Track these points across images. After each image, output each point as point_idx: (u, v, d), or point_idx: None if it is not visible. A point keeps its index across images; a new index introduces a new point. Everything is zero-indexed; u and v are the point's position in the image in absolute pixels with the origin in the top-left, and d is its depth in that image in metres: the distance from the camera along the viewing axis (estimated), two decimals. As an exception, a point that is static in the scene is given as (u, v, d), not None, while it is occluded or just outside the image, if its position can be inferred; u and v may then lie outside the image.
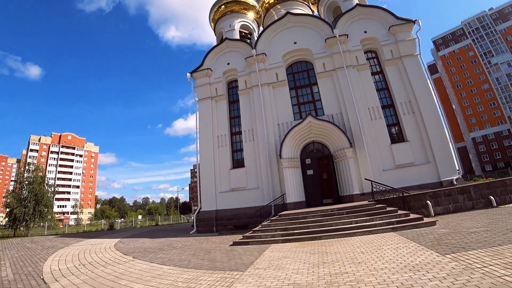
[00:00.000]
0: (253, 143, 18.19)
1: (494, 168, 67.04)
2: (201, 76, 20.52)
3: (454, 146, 16.43)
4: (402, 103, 16.93)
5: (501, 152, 71.08)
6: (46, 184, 29.50)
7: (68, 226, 39.57)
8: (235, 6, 23.74)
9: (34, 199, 26.49)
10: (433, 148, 15.45)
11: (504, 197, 12.41)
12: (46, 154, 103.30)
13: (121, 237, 18.50)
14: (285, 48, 19.30)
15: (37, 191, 26.99)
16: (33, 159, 72.20)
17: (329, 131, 16.30)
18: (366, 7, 19.20)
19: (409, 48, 17.45)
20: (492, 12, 78.51)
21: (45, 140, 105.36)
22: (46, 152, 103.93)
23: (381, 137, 16.39)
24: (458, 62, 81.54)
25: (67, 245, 14.61)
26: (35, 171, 28.75)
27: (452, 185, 14.25)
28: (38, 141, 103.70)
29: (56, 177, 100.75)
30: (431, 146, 15.52)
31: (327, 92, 17.83)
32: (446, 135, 15.91)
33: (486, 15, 78.97)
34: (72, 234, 26.39)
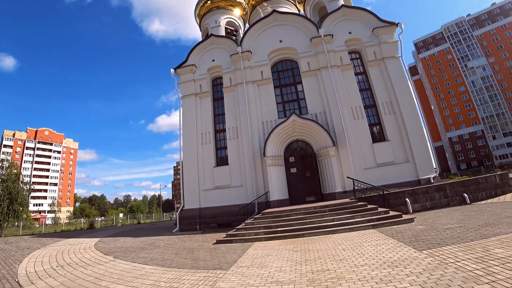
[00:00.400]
0: (237, 141, 18.10)
1: (468, 167, 70.72)
2: (185, 72, 20.13)
3: (432, 145, 17.14)
4: (383, 104, 17.38)
5: (475, 152, 75.03)
6: (21, 182, 28.06)
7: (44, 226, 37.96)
8: (221, 2, 23.44)
9: (8, 198, 25.10)
10: (412, 148, 16.02)
11: (477, 195, 13.10)
12: (21, 150, 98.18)
13: (102, 236, 17.95)
14: (270, 46, 19.28)
15: (11, 189, 25.60)
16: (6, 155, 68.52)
17: (313, 130, 16.49)
18: (351, 8, 19.49)
19: (392, 50, 17.93)
20: (470, 18, 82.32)
21: (20, 136, 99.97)
22: (21, 148, 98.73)
23: (363, 136, 16.76)
24: (437, 64, 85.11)
25: (44, 246, 13.98)
26: (9, 168, 27.25)
27: (429, 183, 14.83)
28: (12, 137, 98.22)
29: (32, 175, 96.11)
30: (411, 145, 16.08)
31: (312, 91, 18.00)
32: (425, 135, 16.56)
33: (464, 21, 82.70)
34: (49, 234, 25.31)
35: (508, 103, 71.62)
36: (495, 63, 75.30)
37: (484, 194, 13.25)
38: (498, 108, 72.75)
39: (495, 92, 73.76)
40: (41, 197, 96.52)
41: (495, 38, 76.33)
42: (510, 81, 72.01)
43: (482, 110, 75.13)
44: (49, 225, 47.72)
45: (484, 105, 74.96)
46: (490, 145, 71.66)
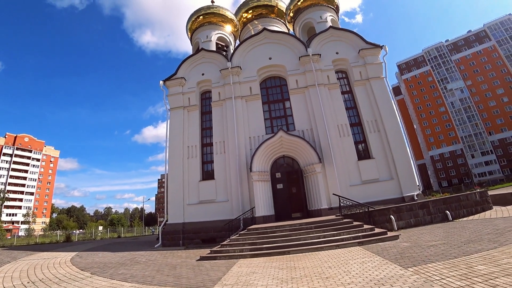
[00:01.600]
0: (224, 156, 18.04)
1: (449, 184, 72.96)
2: (174, 85, 20.16)
3: (415, 163, 17.63)
4: (369, 122, 17.91)
5: (455, 170, 77.81)
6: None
7: (17, 237, 35.77)
8: (213, 18, 23.94)
9: None
10: (396, 165, 16.43)
11: (459, 212, 13.47)
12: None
13: (79, 250, 17.09)
14: (260, 63, 19.72)
15: None
16: None
17: (300, 146, 16.68)
18: (339, 30, 20.36)
19: (376, 71, 18.70)
20: (448, 43, 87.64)
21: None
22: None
23: (349, 153, 17.11)
24: (419, 86, 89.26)
25: (14, 259, 13.15)
26: None
27: (413, 200, 15.18)
28: None
29: (7, 182, 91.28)
30: (395, 163, 16.50)
31: (299, 108, 18.37)
32: (408, 153, 17.00)
33: (443, 46, 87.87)
34: (21, 247, 23.87)
35: (485, 123, 75.48)
36: (472, 85, 79.81)
37: (465, 211, 13.62)
38: (476, 128, 76.37)
39: (473, 113, 77.69)
40: (15, 206, 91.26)
41: (471, 63, 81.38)
42: (486, 103, 76.29)
43: (461, 130, 78.62)
44: (22, 237, 45.05)
45: (463, 125, 78.56)
46: (469, 164, 74.64)
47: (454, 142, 79.88)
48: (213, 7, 24.35)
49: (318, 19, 21.73)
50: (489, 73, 77.59)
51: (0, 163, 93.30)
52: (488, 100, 76.08)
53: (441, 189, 60.95)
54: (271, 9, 27.38)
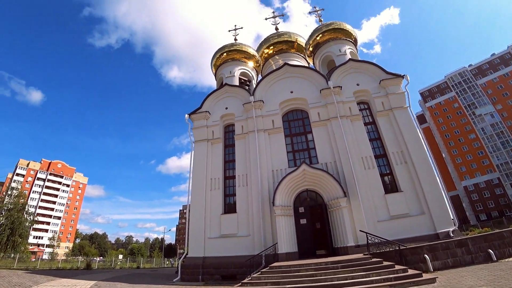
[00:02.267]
0: (247, 189, 17.94)
1: (488, 217, 66.60)
2: (199, 118, 20.93)
3: (447, 195, 16.45)
4: (394, 153, 17.27)
5: (493, 201, 71.32)
6: (26, 212, 27.87)
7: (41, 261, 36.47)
8: (236, 55, 25.24)
9: (10, 228, 24.72)
10: (427, 199, 15.37)
11: (503, 250, 12.05)
12: (32, 180, 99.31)
13: (98, 279, 17.01)
14: (282, 96, 20.18)
15: (15, 218, 25.33)
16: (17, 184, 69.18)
17: (323, 180, 16.27)
18: (358, 62, 20.59)
19: (399, 100, 18.37)
20: (472, 68, 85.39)
21: (34, 166, 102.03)
22: (33, 178, 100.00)
23: (375, 187, 16.38)
24: (445, 113, 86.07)
25: (36, 284, 13.32)
26: (17, 197, 27.33)
27: (448, 237, 13.97)
28: (26, 166, 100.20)
29: (37, 206, 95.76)
30: (425, 196, 15.46)
31: (322, 141, 18.23)
32: (439, 185, 15.92)
33: (467, 71, 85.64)
34: (43, 271, 24.21)
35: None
36: (502, 110, 75.65)
37: (511, 250, 12.17)
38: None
39: (507, 139, 72.63)
40: (42, 229, 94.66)
41: (499, 86, 77.89)
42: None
43: (495, 157, 73.33)
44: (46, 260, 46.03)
45: (497, 152, 73.38)
46: (509, 194, 68.30)
47: (489, 170, 74.21)
48: (236, 44, 25.82)
49: (337, 52, 22.24)
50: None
51: (34, 187, 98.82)
52: (524, 124, 71.35)
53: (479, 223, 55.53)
54: (291, 44, 28.50)
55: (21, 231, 25.78)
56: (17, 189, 29.47)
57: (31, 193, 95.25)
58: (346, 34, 23.05)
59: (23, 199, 29.48)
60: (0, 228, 24.31)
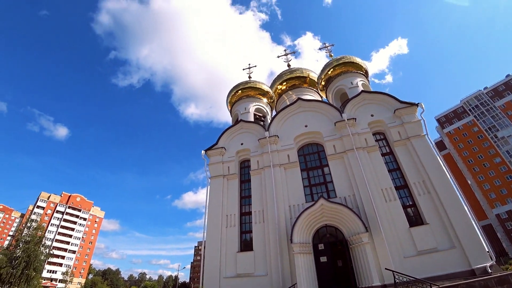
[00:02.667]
0: (263, 225, 17.51)
1: (528, 248, 60.71)
2: (215, 154, 21.28)
3: (478, 225, 15.21)
4: (416, 183, 16.57)
5: (532, 229, 65.42)
6: (42, 245, 27.99)
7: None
8: (250, 92, 26.18)
9: (25, 261, 24.70)
10: (456, 231, 14.33)
11: None
12: (51, 213, 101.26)
13: None
14: (296, 130, 20.34)
15: (31, 251, 25.38)
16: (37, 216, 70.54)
17: (343, 214, 15.65)
18: (371, 93, 20.74)
19: (416, 129, 18.06)
20: (488, 90, 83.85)
21: (54, 199, 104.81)
22: (52, 210, 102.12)
23: (398, 220, 15.55)
24: (465, 137, 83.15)
25: None
26: (35, 230, 27.70)
27: (486, 273, 12.75)
28: (47, 199, 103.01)
29: (54, 239, 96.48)
30: (454, 228, 14.44)
31: (339, 174, 17.87)
32: (468, 214, 14.88)
33: (483, 93, 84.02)
34: None
35: (555, 170, 65.42)
36: (526, 130, 72.39)
37: None
38: (545, 176, 66.29)
39: (536, 159, 68.54)
40: (57, 263, 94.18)
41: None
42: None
43: (526, 181, 68.70)
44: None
45: (528, 175, 68.86)
46: (548, 221, 62.63)
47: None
48: (250, 82, 26.89)
49: (349, 85, 22.64)
50: (543, 112, 70.62)
51: (52, 219, 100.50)
52: (551, 142, 67.39)
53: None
54: (304, 79, 29.34)
55: (36, 265, 25.71)
56: (36, 222, 30.01)
57: (49, 226, 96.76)
58: (357, 67, 23.59)
59: (41, 231, 29.83)
60: (16, 262, 24.37)
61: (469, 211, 15.11)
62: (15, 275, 23.57)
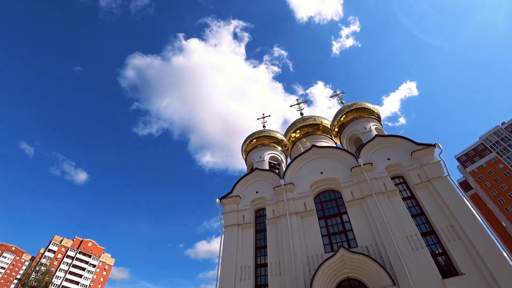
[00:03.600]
0: (280, 278, 16.42)
1: None
2: (229, 203, 21.15)
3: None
4: (443, 228, 15.49)
5: None
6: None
7: None
8: (265, 140, 26.91)
9: None
10: (498, 281, 12.66)
11: None
12: (61, 257, 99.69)
13: None
14: (312, 178, 20.24)
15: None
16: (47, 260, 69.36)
17: (366, 266, 14.60)
18: (385, 137, 20.77)
19: (436, 170, 17.49)
20: (506, 125, 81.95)
21: (66, 243, 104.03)
22: (63, 255, 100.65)
23: (428, 270, 14.16)
24: (491, 175, 78.87)
25: None
26: (43, 275, 27.16)
27: None
28: (59, 242, 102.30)
29: (61, 285, 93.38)
30: (494, 278, 12.80)
31: (359, 221, 17.14)
32: (509, 260, 13.32)
33: (502, 129, 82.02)
34: None
35: None
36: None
37: None
38: None
39: None
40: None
41: (542, 139, 72.24)
42: None
43: None
44: None
45: None
46: None
47: None
48: (264, 131, 27.80)
49: (362, 130, 22.94)
50: None
51: (62, 264, 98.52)
52: None
53: None
54: (317, 127, 30.05)
55: None
56: (45, 266, 29.59)
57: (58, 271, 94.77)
58: (369, 112, 24.13)
59: (49, 276, 29.18)
60: None
61: (509, 257, 13.69)
62: (19, 320, 22.64)
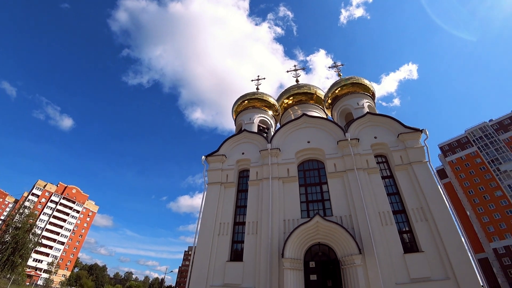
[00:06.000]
0: (256, 237, 17.28)
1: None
2: (215, 161, 21.26)
3: (475, 258, 14.85)
4: (414, 209, 16.38)
5: (529, 267, 64.03)
6: (32, 233, 27.69)
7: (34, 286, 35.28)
8: (257, 103, 26.38)
9: (12, 247, 24.35)
10: (451, 261, 14.03)
11: None
12: (45, 202, 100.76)
13: None
14: (298, 145, 20.37)
15: (20, 238, 25.06)
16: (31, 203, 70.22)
17: (337, 234, 15.46)
18: (376, 115, 20.82)
19: (418, 155, 17.98)
20: (493, 123, 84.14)
21: (50, 188, 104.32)
22: (46, 200, 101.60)
23: (393, 245, 15.29)
24: (467, 168, 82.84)
25: None
26: (27, 217, 27.48)
27: None
28: (43, 187, 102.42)
29: (44, 228, 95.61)
30: (449, 258, 14.14)
31: (337, 193, 17.76)
32: (465, 246, 14.60)
33: (488, 126, 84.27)
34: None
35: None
36: (529, 166, 72.00)
37: None
38: (547, 215, 65.34)
39: (537, 197, 67.76)
40: (44, 253, 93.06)
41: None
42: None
43: (527, 218, 67.74)
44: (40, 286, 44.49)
45: (529, 211, 67.98)
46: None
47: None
48: (257, 93, 27.11)
49: (355, 106, 22.81)
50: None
51: (45, 208, 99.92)
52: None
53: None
54: (310, 96, 29.68)
55: (23, 252, 25.34)
56: (29, 209, 29.80)
57: (41, 215, 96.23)
58: (364, 88, 23.80)
59: (33, 219, 29.55)
60: (3, 247, 24.04)
61: (466, 242, 14.82)
62: (0, 260, 23.23)
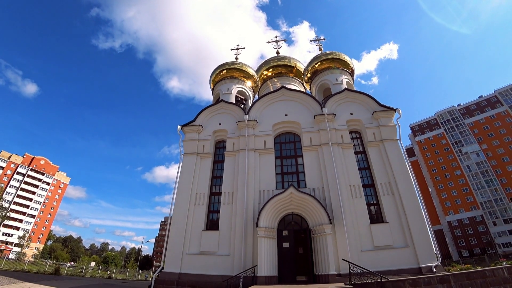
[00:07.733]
0: (231, 207, 17.65)
1: (470, 254, 67.04)
2: (191, 131, 20.82)
3: (431, 229, 16.46)
4: (382, 184, 17.40)
5: (476, 238, 72.09)
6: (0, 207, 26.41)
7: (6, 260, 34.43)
8: (235, 73, 25.52)
9: None
10: (411, 231, 15.38)
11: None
12: (11, 174, 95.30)
13: (64, 286, 16.07)
14: (276, 118, 20.38)
15: None
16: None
17: (310, 205, 16.15)
18: (353, 92, 21.12)
19: (390, 133, 18.78)
20: (461, 107, 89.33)
21: (15, 159, 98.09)
22: (12, 171, 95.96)
23: (361, 216, 16.32)
24: (433, 148, 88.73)
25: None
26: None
27: (431, 272, 13.88)
28: (7, 159, 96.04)
29: (12, 201, 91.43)
30: (410, 229, 15.47)
31: (311, 166, 18.27)
32: (424, 218, 15.95)
33: (456, 110, 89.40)
34: (7, 272, 22.73)
35: (505, 189, 71.63)
36: (487, 149, 78.46)
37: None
38: (496, 193, 72.42)
39: (491, 178, 74.60)
40: (14, 227, 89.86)
41: (485, 127, 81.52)
42: (504, 168, 73.68)
43: (480, 195, 74.94)
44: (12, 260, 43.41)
45: (481, 190, 75.06)
46: (491, 232, 69.06)
47: (473, 207, 75.59)
48: (236, 63, 26.15)
49: (334, 81, 22.86)
50: (505, 137, 76.79)
51: (12, 181, 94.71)
52: (507, 165, 73.77)
53: (461, 259, 55.80)
54: (290, 69, 29.21)
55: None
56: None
57: (8, 187, 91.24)
58: (344, 64, 23.80)
59: None
60: None
61: (425, 215, 16.18)
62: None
